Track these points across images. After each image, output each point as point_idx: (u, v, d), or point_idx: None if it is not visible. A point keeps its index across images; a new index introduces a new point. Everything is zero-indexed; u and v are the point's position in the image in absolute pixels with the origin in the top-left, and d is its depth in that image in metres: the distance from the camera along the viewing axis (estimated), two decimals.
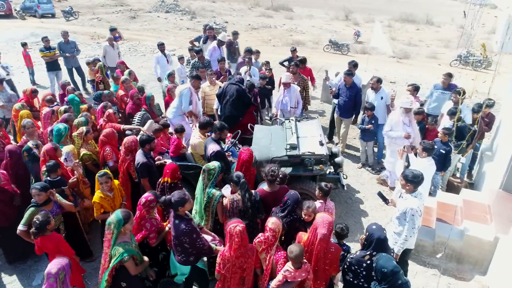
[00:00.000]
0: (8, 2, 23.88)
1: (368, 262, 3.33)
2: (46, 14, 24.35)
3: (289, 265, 3.26)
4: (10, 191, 4.73)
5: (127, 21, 23.68)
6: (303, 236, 3.57)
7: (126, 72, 8.51)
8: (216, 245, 3.90)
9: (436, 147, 5.84)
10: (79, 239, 4.89)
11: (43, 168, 4.76)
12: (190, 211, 4.10)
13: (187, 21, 24.14)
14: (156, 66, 9.65)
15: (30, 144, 4.96)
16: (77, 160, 5.10)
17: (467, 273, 5.01)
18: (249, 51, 8.91)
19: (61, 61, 10.52)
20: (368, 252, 3.35)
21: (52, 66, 10.26)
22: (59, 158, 4.94)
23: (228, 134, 6.55)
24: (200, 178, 4.35)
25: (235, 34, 10.28)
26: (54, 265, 3.27)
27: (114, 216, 3.53)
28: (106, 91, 7.12)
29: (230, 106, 6.65)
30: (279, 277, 3.28)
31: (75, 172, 4.96)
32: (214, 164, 4.31)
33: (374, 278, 3.22)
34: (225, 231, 3.51)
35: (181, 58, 9.45)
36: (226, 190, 4.49)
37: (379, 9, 33.67)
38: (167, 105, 7.42)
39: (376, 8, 33.70)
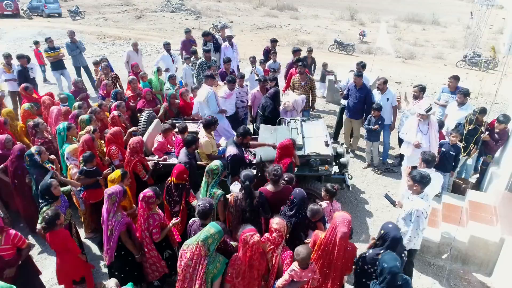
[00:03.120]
0: (15, 2, 24.15)
1: None
2: (53, 13, 24.61)
3: (295, 265, 3.27)
4: (6, 258, 3.82)
5: (133, 20, 23.83)
6: (320, 234, 3.55)
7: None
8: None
9: (444, 149, 5.86)
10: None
11: (80, 158, 4.95)
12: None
13: (193, 20, 24.23)
14: (158, 61, 9.71)
15: (32, 149, 4.89)
16: (106, 158, 5.37)
17: (472, 274, 5.00)
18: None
19: (68, 60, 10.62)
20: (382, 251, 3.29)
21: (57, 66, 10.33)
22: (96, 149, 5.17)
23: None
24: (204, 179, 4.39)
25: (274, 41, 10.09)
26: (110, 189, 3.94)
27: (214, 228, 3.23)
28: (117, 89, 7.23)
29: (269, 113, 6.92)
30: (285, 276, 3.28)
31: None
32: (216, 163, 4.35)
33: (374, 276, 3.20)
34: (236, 236, 3.43)
35: (187, 59, 9.50)
36: (235, 186, 4.54)
37: (385, 9, 33.58)
38: (182, 109, 7.36)
39: (381, 8, 33.61)
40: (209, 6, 29.54)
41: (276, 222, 3.50)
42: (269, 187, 4.32)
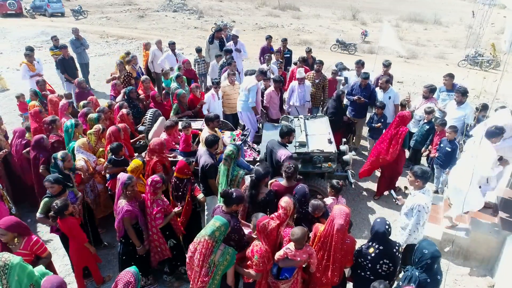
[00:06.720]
0: (19, 1, 24.25)
1: (373, 254, 3.42)
2: (56, 13, 24.70)
3: (291, 244, 3.41)
4: None
5: (135, 20, 23.91)
6: (319, 227, 3.65)
7: (176, 67, 8.61)
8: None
9: (441, 145, 5.93)
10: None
11: (108, 149, 5.14)
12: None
13: (195, 20, 24.29)
14: (163, 61, 9.69)
15: (58, 155, 4.71)
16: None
17: (473, 270, 5.06)
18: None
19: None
20: (370, 244, 3.46)
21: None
22: (122, 140, 5.38)
23: (239, 131, 6.71)
24: (223, 166, 4.52)
25: (285, 40, 10.29)
26: (122, 175, 4.18)
27: (219, 221, 3.27)
28: (130, 88, 7.30)
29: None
30: (281, 252, 3.44)
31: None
32: (230, 148, 4.53)
33: (412, 261, 3.35)
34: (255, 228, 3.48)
35: (218, 56, 9.30)
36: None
37: (387, 8, 33.57)
38: (191, 103, 7.32)
39: (383, 8, 33.61)
40: (211, 5, 29.57)
41: (284, 200, 3.66)
42: (283, 182, 4.43)
